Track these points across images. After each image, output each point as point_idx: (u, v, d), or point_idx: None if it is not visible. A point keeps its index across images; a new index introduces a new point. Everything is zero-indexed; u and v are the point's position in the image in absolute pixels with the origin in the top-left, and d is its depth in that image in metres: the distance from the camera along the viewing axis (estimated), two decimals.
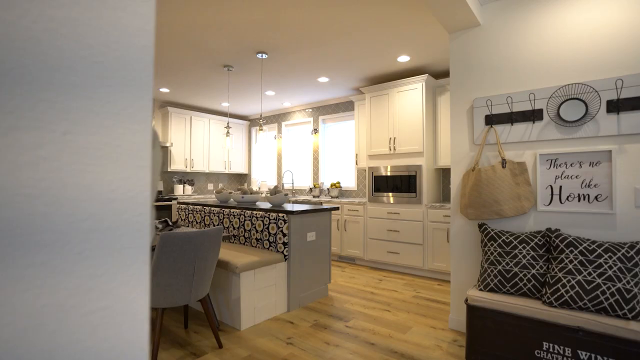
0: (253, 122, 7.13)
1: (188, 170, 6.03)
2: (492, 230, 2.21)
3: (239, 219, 3.33)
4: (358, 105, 4.95)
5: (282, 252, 2.92)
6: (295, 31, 3.14)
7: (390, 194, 4.26)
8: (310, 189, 5.63)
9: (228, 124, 4.09)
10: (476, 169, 2.31)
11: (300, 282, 3.03)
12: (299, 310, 2.96)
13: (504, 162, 2.23)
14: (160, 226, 2.66)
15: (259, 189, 6.76)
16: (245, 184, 7.41)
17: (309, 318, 2.78)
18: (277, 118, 6.68)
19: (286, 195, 3.40)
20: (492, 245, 2.15)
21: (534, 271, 1.95)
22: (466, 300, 2.08)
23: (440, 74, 4.34)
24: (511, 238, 2.10)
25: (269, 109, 6.49)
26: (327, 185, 5.86)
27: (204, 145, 6.28)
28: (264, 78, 4.50)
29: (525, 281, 1.95)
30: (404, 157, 4.20)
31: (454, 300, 2.52)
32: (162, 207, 5.30)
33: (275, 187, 3.55)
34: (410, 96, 4.12)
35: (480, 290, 2.10)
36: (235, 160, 6.87)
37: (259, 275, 2.70)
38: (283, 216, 2.93)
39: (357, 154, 4.96)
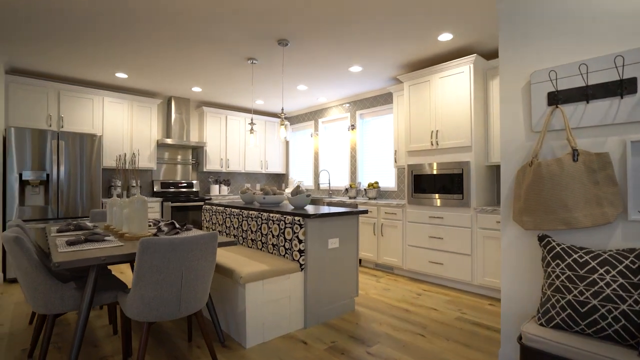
0: (291, 120, 6.92)
1: (223, 170, 5.97)
2: (559, 245, 1.65)
3: (256, 221, 3.06)
4: (397, 97, 4.44)
5: (298, 260, 2.58)
6: (316, 12, 2.78)
7: (433, 195, 3.71)
8: (346, 189, 5.23)
9: (252, 120, 3.86)
10: (535, 164, 1.76)
11: (319, 295, 2.67)
12: (318, 327, 2.59)
13: (575, 154, 1.65)
14: (165, 229, 2.47)
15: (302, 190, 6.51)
16: (283, 184, 7.23)
17: (326, 338, 2.40)
18: (314, 115, 6.38)
19: (308, 196, 3.05)
20: (558, 265, 1.60)
21: (624, 307, 1.37)
22: (520, 337, 1.55)
23: (492, 54, 3.69)
24: (587, 257, 1.53)
25: (304, 106, 6.22)
26: (364, 185, 5.41)
27: (239, 145, 6.20)
28: (290, 70, 4.20)
29: (610, 320, 1.38)
30: (448, 152, 3.62)
31: (505, 330, 1.97)
32: (194, 208, 5.27)
33: (297, 187, 3.22)
34: (456, 82, 3.54)
35: (541, 325, 1.56)
36: (272, 160, 6.71)
37: (268, 287, 2.38)
38: (299, 220, 2.59)
39: (396, 151, 4.46)
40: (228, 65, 4.03)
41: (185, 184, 5.67)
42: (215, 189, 5.92)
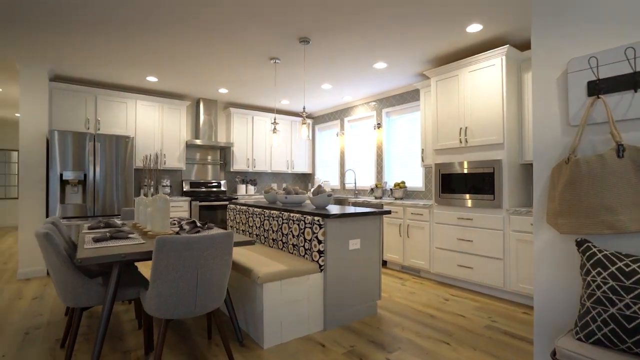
0: (317, 119, 6.90)
1: (250, 170, 6.05)
2: (600, 251, 1.48)
3: (277, 221, 3.04)
4: (424, 93, 4.27)
5: (317, 261, 2.53)
6: (337, 7, 2.72)
7: (461, 195, 3.52)
8: (372, 189, 5.12)
9: (275, 119, 3.86)
10: (572, 161, 1.59)
11: (339, 297, 2.60)
12: (337, 330, 2.53)
13: (620, 149, 1.47)
14: (187, 227, 2.52)
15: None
16: (309, 184, 7.23)
17: (345, 342, 2.33)
18: (339, 114, 6.31)
19: (329, 195, 3.00)
20: (599, 274, 1.43)
21: None
22: (554, 353, 1.40)
23: (526, 44, 3.44)
24: (635, 266, 1.36)
25: (329, 105, 6.16)
26: (390, 185, 5.27)
27: (265, 145, 6.26)
28: (313, 69, 4.17)
29: None
30: (478, 150, 3.42)
31: (538, 344, 1.80)
32: (221, 207, 5.37)
33: (318, 186, 3.17)
34: (486, 75, 3.34)
35: (579, 340, 1.40)
36: (298, 160, 6.71)
37: (287, 287, 2.35)
38: (318, 220, 2.54)
39: (423, 149, 4.29)
40: (252, 65, 4.06)
41: (213, 184, 5.81)
42: (242, 189, 6.01)
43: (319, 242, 2.53)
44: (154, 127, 5.06)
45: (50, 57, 3.81)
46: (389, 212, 2.89)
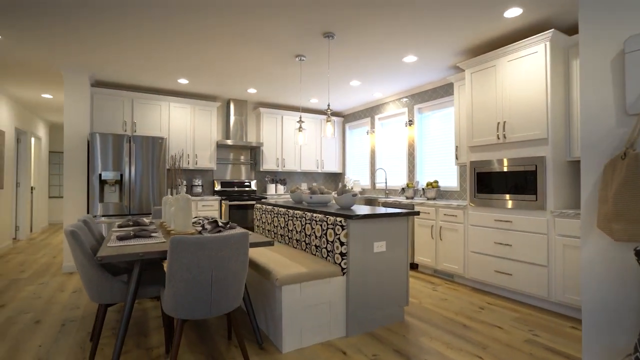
0: (347, 117, 6.77)
1: (279, 169, 6.06)
2: None
3: (300, 221, 2.98)
4: (458, 87, 4.01)
5: (340, 264, 2.43)
6: None
7: (499, 196, 3.25)
8: (403, 189, 4.91)
9: (300, 118, 3.80)
10: (631, 155, 1.36)
11: (363, 302, 2.48)
12: (361, 336, 2.40)
13: None
14: (208, 227, 2.52)
15: (351, 189, 6.35)
16: (340, 184, 7.11)
17: (368, 350, 2.21)
18: (370, 112, 6.14)
19: (354, 195, 2.88)
20: None
21: None
22: None
23: (575, 27, 3.10)
24: None
25: (359, 102, 6.02)
26: (422, 184, 5.03)
27: (295, 144, 6.24)
28: (339, 65, 4.05)
29: None
30: (518, 147, 3.14)
31: None
32: (251, 207, 5.42)
33: (343, 186, 3.06)
34: (528, 64, 3.05)
35: None
36: (328, 159, 6.63)
37: (307, 290, 2.27)
38: (340, 221, 2.44)
39: (457, 147, 4.03)
40: (278, 64, 4.03)
41: (243, 184, 5.89)
42: (271, 189, 6.04)
43: (342, 244, 2.42)
44: (185, 128, 5.21)
45: (91, 64, 4.02)
46: (417, 213, 2.71)
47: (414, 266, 4.35)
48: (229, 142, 5.40)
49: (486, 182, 3.38)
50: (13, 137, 5.77)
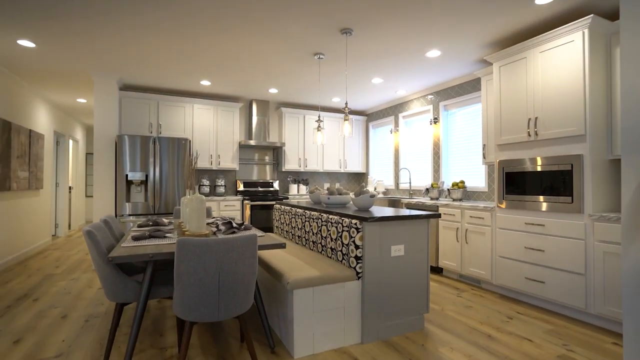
0: (371, 116, 6.63)
1: (302, 169, 6.03)
2: None
3: (317, 223, 2.91)
4: (485, 82, 3.79)
5: (355, 268, 2.34)
6: None
7: (530, 197, 3.02)
8: (427, 189, 4.72)
9: (319, 117, 3.74)
10: None
11: (379, 308, 2.37)
12: (376, 344, 2.30)
13: None
14: (223, 228, 2.51)
15: (375, 189, 6.22)
16: (363, 184, 6.98)
17: (382, 359, 2.10)
18: (393, 110, 5.97)
19: (372, 196, 2.77)
20: None
21: None
22: None
23: (618, 12, 2.80)
24: None
25: (382, 100, 5.86)
26: (447, 185, 4.81)
27: (317, 144, 6.18)
28: (359, 62, 3.94)
29: None
30: (551, 144, 2.90)
31: None
32: (272, 207, 5.42)
33: (361, 186, 2.97)
34: (563, 55, 2.80)
35: None
36: (352, 159, 6.52)
37: (319, 295, 2.20)
38: (355, 223, 2.35)
39: (484, 145, 3.81)
40: (297, 63, 3.99)
41: (266, 184, 5.91)
42: (293, 189, 6.02)
43: (357, 247, 2.33)
44: (209, 129, 5.30)
45: (119, 69, 4.18)
46: (438, 215, 2.57)
47: (438, 270, 4.17)
48: (252, 142, 5.44)
49: (516, 183, 3.15)
50: (52, 140, 6.13)
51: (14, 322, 2.70)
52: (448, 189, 4.35)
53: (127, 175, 4.37)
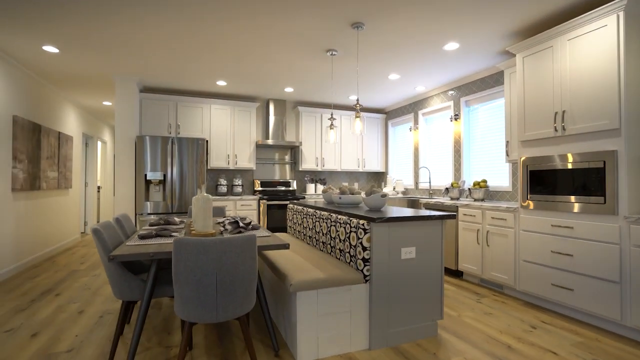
0: (390, 114, 6.47)
1: (319, 169, 5.97)
2: None
3: (326, 223, 2.84)
4: (509, 75, 3.56)
5: (362, 270, 2.24)
6: None
7: (557, 197, 2.80)
8: (447, 189, 4.52)
9: (332, 115, 3.65)
10: None
11: (388, 313, 2.27)
12: (384, 351, 2.20)
13: None
14: (229, 227, 2.48)
15: (394, 189, 6.06)
16: (383, 183, 6.83)
17: None
18: (413, 107, 5.79)
19: (383, 196, 2.67)
20: None
21: None
22: None
23: None
24: None
25: (401, 97, 5.69)
26: (469, 184, 4.59)
27: (335, 143, 6.10)
28: (373, 57, 3.82)
29: None
30: (580, 139, 2.67)
31: None
32: (286, 207, 5.39)
33: (371, 186, 2.86)
34: (594, 41, 2.57)
35: None
36: (370, 158, 6.39)
37: (325, 297, 2.13)
38: (363, 224, 2.25)
39: (508, 142, 3.59)
40: (309, 60, 3.93)
41: (283, 183, 5.90)
42: (311, 188, 5.97)
43: (364, 249, 2.23)
44: (226, 129, 5.35)
45: (138, 71, 4.29)
46: (452, 217, 2.42)
47: (457, 274, 3.97)
48: (269, 141, 5.43)
49: (541, 182, 2.93)
50: (81, 142, 6.41)
51: (35, 316, 2.81)
52: (469, 189, 4.14)
53: (145, 175, 4.48)
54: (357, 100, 3.14)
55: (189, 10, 2.78)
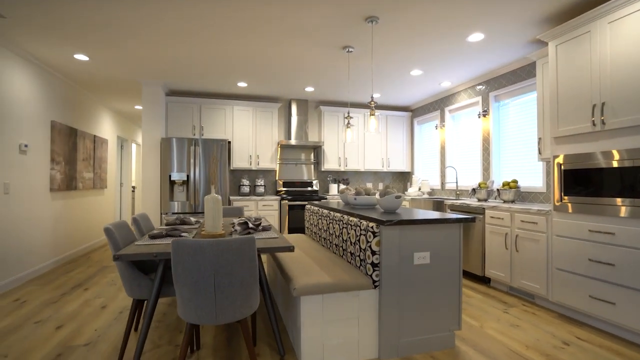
0: (415, 112, 6.24)
1: (342, 169, 5.88)
2: None
3: (339, 225, 2.75)
4: (541, 66, 3.28)
5: (371, 275, 2.14)
6: None
7: (595, 199, 2.52)
8: (473, 189, 4.26)
9: (348, 113, 3.54)
10: None
11: (400, 321, 2.14)
12: None
13: None
14: (238, 228, 2.47)
15: (419, 189, 5.83)
16: (408, 184, 6.61)
17: None
18: (439, 104, 5.53)
19: (398, 197, 2.54)
20: None
21: None
22: None
23: None
24: None
25: (426, 94, 5.47)
26: (498, 184, 4.29)
27: (358, 143, 5.99)
28: (392, 53, 3.67)
29: None
30: (623, 134, 2.38)
31: None
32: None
33: (386, 187, 2.74)
34: (638, 22, 2.28)
35: None
36: (395, 157, 6.20)
37: (330, 303, 2.05)
38: (372, 227, 2.14)
39: (540, 139, 3.31)
40: (326, 58, 3.86)
41: (305, 183, 5.87)
42: (333, 189, 5.89)
43: (373, 252, 2.13)
44: (248, 130, 5.41)
45: (163, 75, 4.43)
46: (472, 220, 2.25)
47: (485, 280, 3.72)
48: (292, 142, 5.42)
49: (577, 182, 2.66)
50: (115, 144, 6.77)
51: (63, 309, 2.96)
52: (498, 190, 3.87)
53: (170, 176, 4.62)
54: (372, 97, 3.02)
55: (204, 16, 2.81)
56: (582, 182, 2.63)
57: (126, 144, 7.55)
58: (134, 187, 8.29)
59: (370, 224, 2.17)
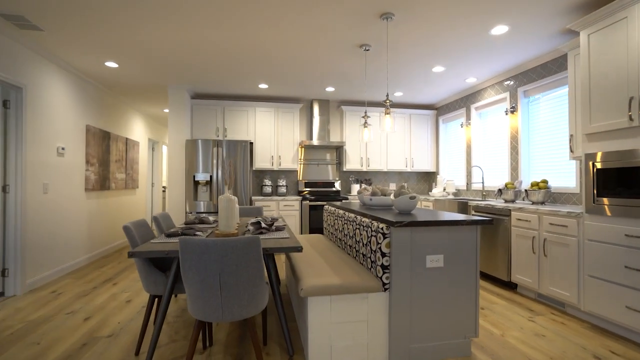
0: (440, 110, 6.05)
1: (364, 169, 5.82)
2: None
3: (352, 225, 2.72)
4: (573, 58, 3.06)
5: (381, 278, 2.09)
6: None
7: (631, 201, 2.31)
8: (500, 190, 4.05)
9: (365, 112, 3.48)
10: None
11: (411, 326, 2.08)
12: None
13: None
14: (251, 228, 2.50)
15: (444, 189, 5.64)
16: (433, 184, 6.42)
17: None
18: (464, 101, 5.33)
19: (412, 198, 2.47)
20: None
21: None
22: None
23: None
24: None
25: (450, 92, 5.28)
26: (526, 185, 4.06)
27: (380, 142, 5.89)
28: (410, 50, 3.57)
29: None
30: None
31: None
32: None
33: (400, 187, 2.67)
34: None
35: None
36: (419, 157, 6.04)
37: (338, 305, 2.02)
38: (382, 228, 2.10)
39: (572, 136, 3.09)
40: (343, 57, 3.83)
41: (327, 184, 5.86)
42: (355, 189, 5.84)
43: (383, 254, 2.08)
44: (270, 131, 5.48)
45: (189, 79, 4.60)
46: (490, 222, 2.14)
47: (511, 286, 3.53)
48: (314, 142, 5.43)
49: (613, 182, 2.45)
50: (147, 146, 7.10)
51: (92, 301, 3.14)
52: (526, 190, 3.65)
53: (194, 176, 4.78)
54: (387, 95, 2.95)
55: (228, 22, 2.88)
56: (617, 182, 2.42)
57: (157, 146, 7.90)
58: (164, 187, 8.66)
59: (381, 225, 2.12)
